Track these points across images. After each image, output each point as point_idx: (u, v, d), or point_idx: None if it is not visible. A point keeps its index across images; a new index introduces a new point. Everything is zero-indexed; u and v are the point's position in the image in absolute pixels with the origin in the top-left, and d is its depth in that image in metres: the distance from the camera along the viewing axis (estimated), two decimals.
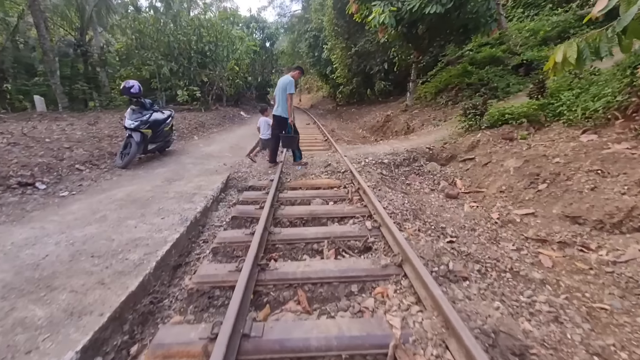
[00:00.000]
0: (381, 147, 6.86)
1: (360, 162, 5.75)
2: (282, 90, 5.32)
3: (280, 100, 5.39)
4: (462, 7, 8.44)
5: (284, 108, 5.36)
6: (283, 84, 5.33)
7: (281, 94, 5.34)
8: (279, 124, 5.54)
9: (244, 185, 4.82)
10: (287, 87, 5.28)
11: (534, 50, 10.92)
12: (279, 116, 5.47)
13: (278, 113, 5.46)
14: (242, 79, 18.51)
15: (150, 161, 5.69)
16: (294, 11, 43.23)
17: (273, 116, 5.58)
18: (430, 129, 8.15)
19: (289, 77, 5.41)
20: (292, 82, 5.31)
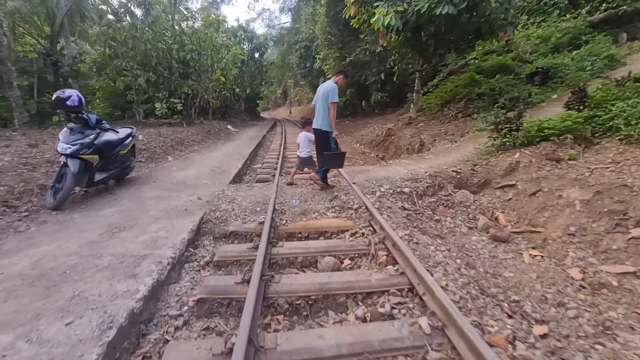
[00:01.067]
0: (395, 170, 5.65)
1: (375, 192, 4.51)
2: (323, 99, 4.37)
3: (320, 110, 4.44)
4: (476, 8, 7.46)
5: (325, 120, 4.40)
6: (324, 92, 4.36)
7: (322, 103, 4.39)
8: (319, 138, 4.59)
9: (223, 231, 3.51)
10: (329, 95, 4.29)
11: (547, 57, 10.06)
12: (319, 129, 4.49)
13: (318, 126, 4.49)
14: (229, 90, 17.28)
15: (99, 196, 4.31)
16: (283, 23, 42.78)
17: (314, 130, 4.64)
18: (447, 146, 7.01)
19: (331, 84, 4.41)
20: (336, 89, 4.30)
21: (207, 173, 5.96)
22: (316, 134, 4.61)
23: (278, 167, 6.80)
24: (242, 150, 9.31)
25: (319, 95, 4.47)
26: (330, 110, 4.31)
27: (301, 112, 44.76)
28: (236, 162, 7.16)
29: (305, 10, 23.11)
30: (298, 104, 54.23)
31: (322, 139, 4.54)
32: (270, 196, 4.28)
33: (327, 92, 4.34)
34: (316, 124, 4.52)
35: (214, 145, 10.32)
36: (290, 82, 50.07)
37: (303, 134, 5.21)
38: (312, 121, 4.70)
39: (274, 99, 67.93)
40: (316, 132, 4.58)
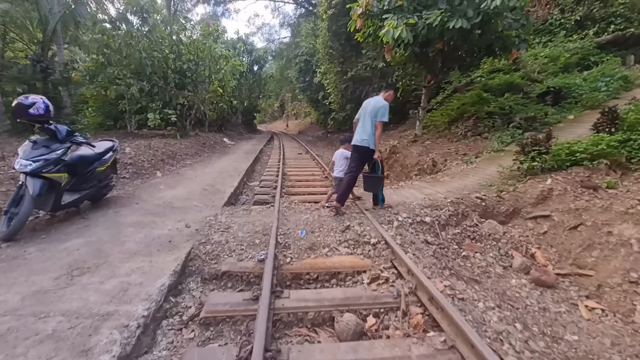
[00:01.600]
0: (409, 194, 5.08)
1: (392, 222, 3.91)
2: (371, 115, 4.08)
3: (367, 126, 4.10)
4: (489, 23, 7.10)
5: (371, 137, 4.07)
6: (374, 108, 4.09)
7: (369, 119, 4.09)
8: (360, 156, 4.23)
9: (214, 271, 2.86)
10: (379, 113, 4.03)
11: (558, 77, 9.75)
12: (362, 147, 4.14)
13: (359, 142, 4.15)
14: (226, 102, 16.80)
15: (68, 221, 3.64)
16: (282, 38, 43.03)
17: (353, 146, 4.27)
18: (462, 167, 6.48)
19: (382, 100, 4.13)
20: (387, 108, 4.05)
21: (198, 193, 5.32)
22: (356, 150, 4.21)
23: (278, 186, 6.18)
24: (238, 165, 8.70)
25: (366, 110, 4.16)
26: (377, 129, 4.03)
27: (298, 125, 44.63)
28: (232, 180, 6.54)
29: (306, 25, 23.02)
30: (295, 118, 54.23)
31: (362, 156, 4.21)
32: (272, 224, 3.66)
33: (376, 108, 4.05)
34: (358, 140, 4.17)
35: (209, 159, 9.70)
36: (287, 96, 50.17)
37: (340, 152, 4.78)
38: (351, 138, 4.39)
39: (271, 112, 68.05)
40: (357, 148, 4.19)
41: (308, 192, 6.22)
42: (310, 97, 23.24)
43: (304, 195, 6.07)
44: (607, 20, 11.41)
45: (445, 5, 6.97)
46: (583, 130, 6.55)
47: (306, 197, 5.78)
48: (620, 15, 11.20)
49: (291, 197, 5.59)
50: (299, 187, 6.72)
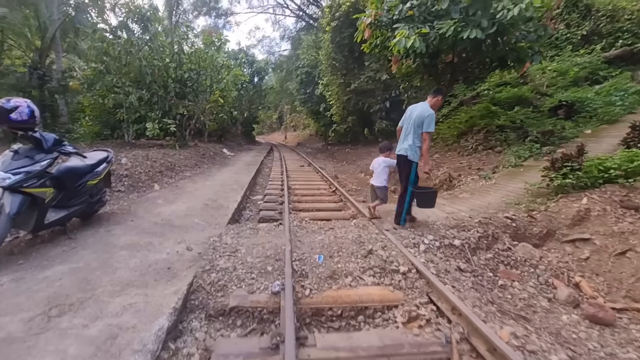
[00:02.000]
0: (430, 212, 4.67)
1: (417, 245, 3.50)
2: (416, 124, 3.79)
3: (410, 135, 3.84)
4: (504, 34, 6.89)
5: (413, 147, 3.82)
6: (420, 116, 3.77)
7: (413, 128, 3.81)
8: (403, 166, 4.00)
9: (221, 306, 2.42)
10: (424, 123, 3.72)
11: (569, 91, 9.56)
12: (403, 156, 3.92)
13: (402, 152, 3.93)
14: (226, 112, 16.51)
15: (52, 242, 3.19)
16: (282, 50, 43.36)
17: (397, 156, 4.05)
18: (480, 183, 6.12)
19: (428, 108, 3.80)
20: (433, 117, 3.73)
21: (200, 208, 4.89)
22: (400, 160, 4.00)
23: (285, 201, 5.77)
24: (240, 178, 8.29)
25: (411, 118, 3.88)
26: (425, 141, 3.74)
27: (296, 137, 44.50)
28: (234, 194, 6.12)
29: (307, 37, 23.06)
30: (293, 130, 54.26)
31: (403, 167, 3.98)
32: (284, 247, 3.23)
33: (422, 117, 3.74)
34: (400, 149, 3.94)
35: (209, 171, 9.29)
36: (286, 108, 50.32)
37: (380, 159, 4.54)
38: (392, 146, 4.31)
39: (270, 123, 68.18)
40: (400, 158, 3.98)
41: (317, 209, 5.80)
42: (311, 109, 23.08)
43: (312, 211, 5.65)
44: (614, 35, 11.35)
45: (459, 15, 6.75)
46: (605, 145, 6.26)
47: (316, 213, 5.36)
48: (627, 31, 11.15)
49: (300, 214, 5.17)
50: (306, 202, 6.31)
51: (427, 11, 7.50)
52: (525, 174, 5.91)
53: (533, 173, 5.84)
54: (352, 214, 5.21)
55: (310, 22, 35.60)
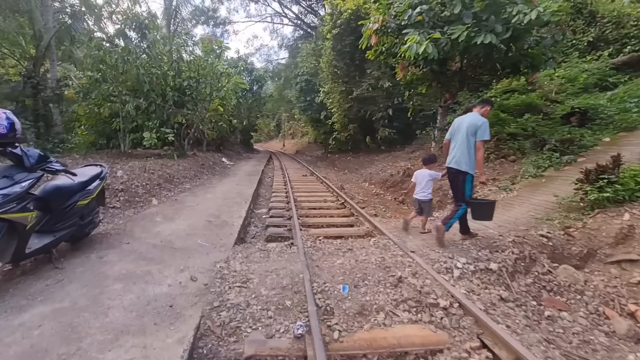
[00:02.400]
0: (454, 228, 4.30)
1: (450, 269, 3.12)
2: (468, 134, 3.61)
3: (463, 146, 3.63)
4: (519, 39, 6.64)
5: (468, 159, 3.61)
6: (472, 125, 3.61)
7: (465, 138, 3.62)
8: (456, 179, 3.79)
9: (234, 355, 2.01)
10: (478, 131, 3.55)
11: (580, 98, 9.31)
12: (455, 169, 3.70)
13: (454, 164, 3.71)
14: (226, 121, 16.17)
15: (35, 274, 2.77)
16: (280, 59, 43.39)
17: (447, 169, 3.87)
18: (501, 195, 5.76)
19: (479, 117, 3.68)
20: (487, 125, 3.59)
21: (202, 226, 4.48)
22: (450, 173, 3.83)
23: (294, 216, 5.37)
24: (242, 189, 7.89)
25: (460, 128, 3.71)
26: (478, 150, 3.55)
27: (295, 145, 44.27)
28: (238, 208, 5.72)
29: (307, 45, 22.93)
30: (291, 137, 54.14)
31: (456, 180, 3.79)
32: (301, 275, 2.84)
33: (474, 126, 3.57)
34: (451, 161, 3.74)
35: (209, 182, 8.88)
36: (284, 116, 50.28)
37: (425, 172, 4.32)
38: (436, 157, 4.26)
39: (267, 131, 68.10)
40: (450, 171, 3.80)
41: (328, 224, 5.42)
42: (311, 117, 22.81)
43: (323, 227, 5.27)
44: (620, 41, 11.19)
45: (471, 20, 6.49)
46: (629, 154, 5.93)
47: (327, 230, 4.97)
48: (634, 37, 11.00)
49: (310, 230, 4.78)
50: (314, 216, 5.92)
51: (436, 17, 7.25)
52: (549, 185, 5.57)
53: (557, 184, 5.50)
54: (367, 230, 4.82)
55: (308, 30, 35.69)
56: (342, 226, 5.33)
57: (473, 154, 3.59)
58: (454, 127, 3.87)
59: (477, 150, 3.57)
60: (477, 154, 3.58)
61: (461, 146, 3.63)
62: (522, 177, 6.19)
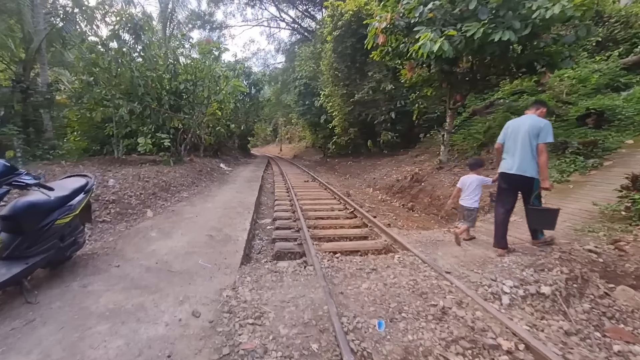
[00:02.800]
0: (489, 244, 3.86)
1: (497, 295, 2.67)
2: (529, 136, 3.36)
3: (526, 150, 3.37)
4: (538, 36, 6.28)
5: (529, 163, 3.37)
6: (533, 127, 3.37)
7: (525, 141, 3.38)
8: (513, 186, 3.54)
9: None
10: (540, 133, 3.31)
11: (594, 99, 8.97)
12: (520, 175, 3.40)
13: (516, 170, 3.43)
14: (224, 125, 15.71)
15: (0, 313, 2.28)
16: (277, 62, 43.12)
17: (502, 175, 3.59)
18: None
19: (538, 118, 3.47)
20: (550, 126, 3.35)
21: (203, 242, 3.99)
22: (513, 180, 3.47)
23: (303, 228, 4.89)
24: (243, 197, 7.41)
25: (518, 131, 3.48)
26: (542, 153, 3.30)
27: (292, 149, 43.90)
28: (241, 220, 5.23)
29: (305, 48, 22.60)
30: (288, 142, 53.81)
31: (522, 187, 3.49)
32: (326, 307, 2.37)
33: (537, 128, 3.33)
34: (512, 167, 3.44)
35: (208, 190, 8.38)
36: (281, 120, 50.02)
37: (473, 177, 4.08)
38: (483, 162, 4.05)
39: (264, 136, 67.75)
40: (513, 178, 3.45)
41: (339, 236, 4.95)
42: (311, 121, 22.41)
43: (335, 240, 4.80)
44: (630, 41, 10.93)
45: (487, 16, 6.12)
46: None
47: (342, 244, 4.50)
48: None
49: (322, 245, 4.31)
50: (324, 227, 5.45)
51: (447, 14, 6.87)
52: (578, 191, 5.16)
53: (587, 190, 5.10)
54: (385, 244, 4.36)
55: (305, 34, 35.48)
56: (356, 239, 4.86)
57: (536, 157, 3.33)
58: (508, 131, 3.66)
59: (541, 153, 3.30)
60: (541, 158, 3.31)
61: (523, 151, 3.37)
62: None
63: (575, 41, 6.26)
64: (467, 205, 4.01)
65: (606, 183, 5.06)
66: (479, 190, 4.02)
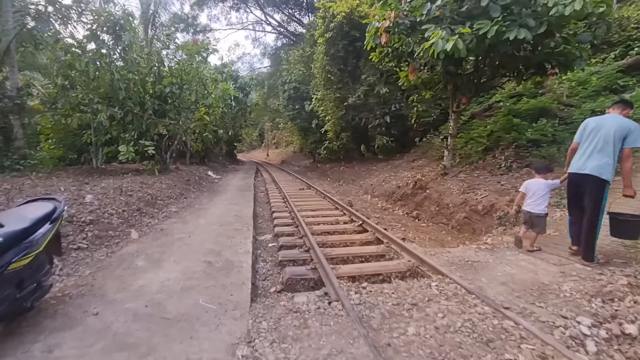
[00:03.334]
0: (530, 265, 3.38)
1: (579, 340, 2.17)
2: (614, 138, 3.11)
3: (603, 151, 3.17)
4: (553, 34, 5.97)
5: (606, 165, 3.14)
6: (622, 129, 3.11)
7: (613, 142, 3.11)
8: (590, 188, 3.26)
9: None
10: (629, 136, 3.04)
11: (597, 101, 8.80)
12: (593, 176, 3.19)
13: (595, 172, 3.19)
14: (211, 131, 14.95)
15: None
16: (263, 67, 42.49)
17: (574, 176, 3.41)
18: (558, 213, 4.93)
19: (624, 119, 3.23)
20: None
21: (201, 271, 3.35)
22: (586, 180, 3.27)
23: (313, 248, 4.30)
24: (239, 210, 6.77)
25: (600, 131, 3.25)
26: (628, 158, 3.08)
27: (279, 155, 43.27)
28: (241, 239, 4.60)
29: (294, 51, 22.11)
30: (275, 147, 53.13)
31: (589, 188, 3.26)
32: None
33: (624, 129, 3.08)
34: (584, 167, 3.28)
35: (198, 202, 7.69)
36: (267, 125, 49.38)
37: (540, 181, 3.83)
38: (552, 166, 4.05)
39: (250, 141, 66.76)
40: (585, 178, 3.26)
41: (355, 256, 4.40)
42: (301, 126, 21.85)
43: (350, 261, 4.25)
44: (624, 44, 10.94)
45: (500, 13, 5.76)
46: None
47: (361, 266, 3.94)
48: (637, 39, 10.77)
49: (339, 269, 3.73)
50: (333, 244, 4.86)
51: (455, 11, 6.50)
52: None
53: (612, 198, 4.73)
54: (409, 265, 3.82)
55: (291, 38, 35.06)
56: (373, 258, 4.33)
57: (615, 160, 3.17)
58: (586, 130, 3.44)
59: (626, 158, 3.10)
60: (626, 164, 3.12)
61: (604, 151, 3.17)
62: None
63: (592, 40, 5.98)
64: (536, 211, 3.72)
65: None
66: (547, 195, 3.77)
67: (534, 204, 3.75)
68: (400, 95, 14.22)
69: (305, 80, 21.22)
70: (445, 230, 6.81)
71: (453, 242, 5.87)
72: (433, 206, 7.77)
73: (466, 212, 6.62)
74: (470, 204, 6.64)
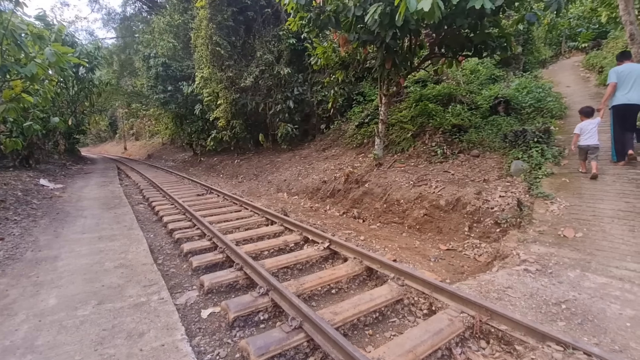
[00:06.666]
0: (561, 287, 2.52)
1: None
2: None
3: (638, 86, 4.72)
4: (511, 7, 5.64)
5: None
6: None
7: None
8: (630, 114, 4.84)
9: None
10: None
11: (491, 89, 9.52)
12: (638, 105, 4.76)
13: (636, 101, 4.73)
14: (37, 119, 9.93)
15: None
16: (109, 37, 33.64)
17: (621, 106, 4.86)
18: (552, 207, 4.42)
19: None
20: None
21: None
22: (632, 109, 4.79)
23: (305, 315, 2.41)
24: (119, 249, 4.01)
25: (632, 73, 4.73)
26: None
27: (142, 148, 36.21)
28: (158, 332, 2.26)
29: (160, 18, 17.46)
30: (135, 139, 44.26)
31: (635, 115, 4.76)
32: None
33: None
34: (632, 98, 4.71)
35: (30, 243, 4.34)
36: (121, 112, 40.21)
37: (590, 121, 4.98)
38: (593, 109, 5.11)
39: (96, 132, 53.65)
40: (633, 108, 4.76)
41: (364, 313, 2.75)
42: (176, 112, 17.81)
43: (374, 330, 2.58)
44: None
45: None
46: None
47: (400, 342, 2.33)
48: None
49: None
50: (314, 292, 3.08)
51: None
52: (590, 188, 4.63)
53: (592, 186, 4.62)
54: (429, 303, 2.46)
55: (146, 3, 28.46)
56: (392, 313, 2.78)
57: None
58: (624, 73, 4.83)
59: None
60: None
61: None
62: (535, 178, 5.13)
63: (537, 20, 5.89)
64: (594, 143, 4.86)
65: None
66: (596, 130, 4.88)
67: (590, 138, 4.85)
68: (302, 77, 12.82)
69: (177, 55, 17.21)
70: (403, 231, 5.87)
71: (432, 249, 4.91)
72: (378, 203, 6.75)
73: (425, 209, 5.81)
74: (428, 198, 5.86)
